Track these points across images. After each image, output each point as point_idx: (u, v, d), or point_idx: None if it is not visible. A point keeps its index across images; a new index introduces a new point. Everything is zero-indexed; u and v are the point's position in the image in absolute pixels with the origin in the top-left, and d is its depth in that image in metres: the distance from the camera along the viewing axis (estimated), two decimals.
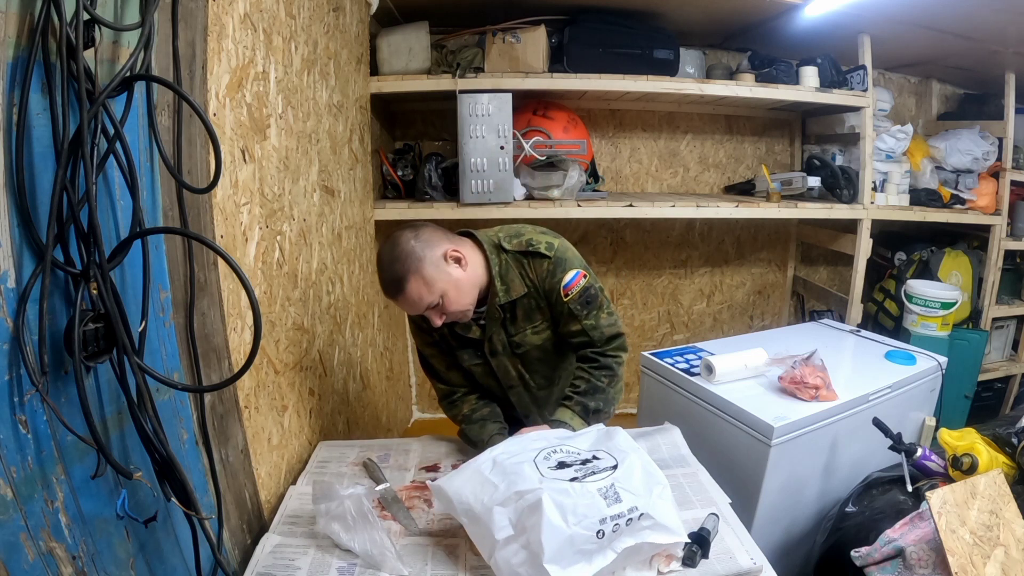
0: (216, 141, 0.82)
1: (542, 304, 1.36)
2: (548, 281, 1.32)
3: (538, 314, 1.37)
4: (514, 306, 1.35)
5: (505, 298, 1.33)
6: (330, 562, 1.06)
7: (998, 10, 2.12)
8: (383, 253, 1.25)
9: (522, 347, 1.40)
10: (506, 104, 2.29)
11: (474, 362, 1.43)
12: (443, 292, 1.23)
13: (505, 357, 1.42)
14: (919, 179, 2.90)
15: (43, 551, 0.70)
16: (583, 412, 1.33)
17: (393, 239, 1.25)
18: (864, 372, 1.81)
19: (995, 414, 3.00)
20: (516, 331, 1.38)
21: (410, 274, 1.21)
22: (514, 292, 1.33)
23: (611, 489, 0.98)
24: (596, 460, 1.06)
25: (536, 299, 1.35)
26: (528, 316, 1.37)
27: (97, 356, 0.77)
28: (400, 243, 1.23)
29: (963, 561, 1.15)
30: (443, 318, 1.28)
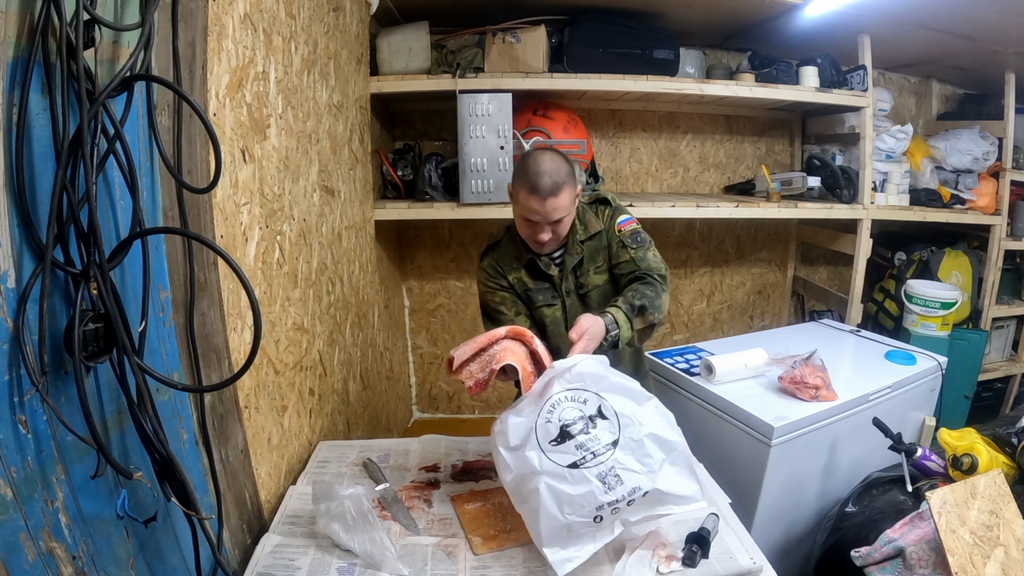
0: (216, 141, 0.82)
1: (604, 244, 1.50)
2: (609, 222, 1.50)
3: (600, 255, 1.50)
4: (583, 247, 1.49)
5: (584, 235, 1.48)
6: (330, 562, 1.06)
7: (998, 10, 2.12)
8: (544, 157, 1.35)
9: (585, 287, 1.50)
10: (506, 104, 2.29)
11: (548, 302, 1.50)
12: (569, 213, 1.39)
13: (573, 299, 1.51)
14: (919, 179, 2.90)
15: (43, 551, 0.70)
16: (628, 309, 1.35)
17: (555, 152, 1.38)
18: (864, 372, 1.81)
19: (995, 414, 3.00)
20: (582, 272, 1.50)
21: (567, 184, 1.35)
22: (591, 229, 1.49)
23: (611, 473, 0.99)
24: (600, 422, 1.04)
25: (602, 240, 1.50)
26: (592, 257, 1.50)
27: (97, 356, 0.77)
28: (564, 159, 1.37)
29: (963, 561, 1.15)
30: (551, 237, 1.38)
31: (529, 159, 1.36)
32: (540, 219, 1.36)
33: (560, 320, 1.51)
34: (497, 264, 1.51)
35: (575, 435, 1.03)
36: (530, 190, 1.32)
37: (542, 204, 1.33)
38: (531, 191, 1.32)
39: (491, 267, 1.52)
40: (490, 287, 1.51)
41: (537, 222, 1.36)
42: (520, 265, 1.50)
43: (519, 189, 1.36)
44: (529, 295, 1.51)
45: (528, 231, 1.40)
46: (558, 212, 1.35)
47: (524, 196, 1.34)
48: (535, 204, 1.33)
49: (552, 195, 1.32)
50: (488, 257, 1.54)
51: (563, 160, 1.37)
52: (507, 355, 1.16)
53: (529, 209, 1.35)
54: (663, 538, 1.10)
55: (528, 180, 1.33)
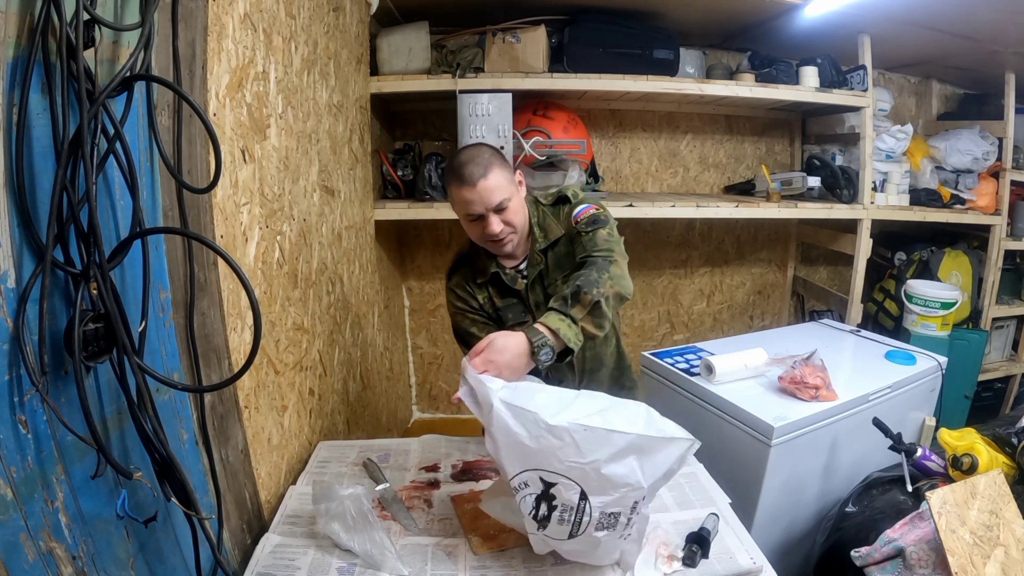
0: (216, 141, 0.82)
1: (569, 248, 1.40)
2: (566, 220, 1.40)
3: (567, 260, 1.40)
4: (547, 254, 1.42)
5: (544, 242, 1.41)
6: (330, 562, 1.06)
7: (998, 10, 2.12)
8: (463, 151, 1.33)
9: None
10: (506, 104, 2.29)
11: (519, 319, 1.43)
12: (511, 196, 1.30)
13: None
14: (919, 179, 2.90)
15: (43, 551, 0.70)
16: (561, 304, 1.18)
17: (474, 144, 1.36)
18: (864, 372, 1.81)
19: (995, 414, 3.00)
20: (549, 283, 1.42)
21: (495, 165, 1.29)
22: (551, 235, 1.41)
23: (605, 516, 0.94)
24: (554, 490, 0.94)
25: (564, 244, 1.41)
26: (559, 265, 1.41)
27: (97, 356, 0.77)
28: (485, 145, 1.35)
29: (963, 561, 1.15)
30: (501, 227, 1.31)
31: (453, 156, 1.34)
32: (481, 209, 1.28)
33: None
34: (465, 283, 1.44)
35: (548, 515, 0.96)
36: (459, 181, 1.27)
37: (474, 191, 1.26)
38: (460, 181, 1.27)
39: (459, 287, 1.45)
40: (459, 309, 1.45)
41: (481, 215, 1.29)
42: (485, 281, 1.42)
43: (450, 190, 1.31)
44: (499, 314, 1.43)
45: (479, 231, 1.32)
46: (496, 193, 1.27)
47: (456, 190, 1.29)
48: (468, 194, 1.27)
49: (482, 177, 1.26)
50: (456, 276, 1.47)
51: (484, 146, 1.33)
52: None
53: (466, 202, 1.28)
54: (663, 538, 1.10)
55: (454, 173, 1.29)
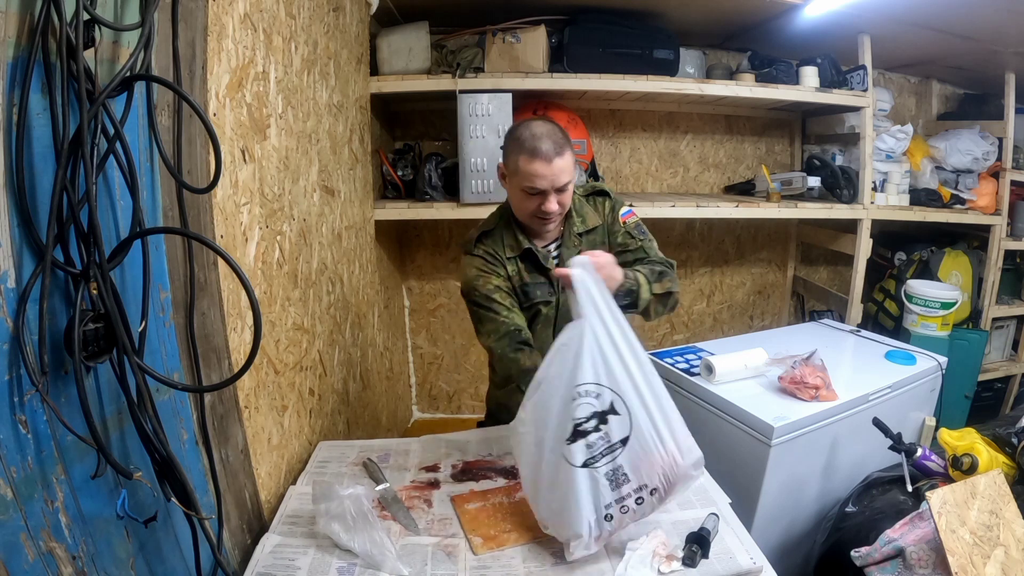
0: (216, 141, 0.82)
1: (605, 239, 1.47)
2: (610, 215, 1.47)
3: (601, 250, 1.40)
4: (583, 238, 1.44)
5: (582, 227, 1.44)
6: (330, 562, 1.06)
7: (998, 10, 2.12)
8: (536, 123, 1.30)
9: None
10: (506, 104, 2.29)
11: (546, 299, 1.43)
12: (572, 179, 1.33)
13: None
14: (919, 179, 2.90)
15: (43, 551, 0.70)
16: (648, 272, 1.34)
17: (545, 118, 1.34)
18: (864, 372, 1.81)
19: (995, 414, 3.00)
20: None
21: (567, 145, 1.30)
22: (589, 223, 1.45)
23: (620, 471, 1.03)
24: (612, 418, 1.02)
25: (602, 235, 1.47)
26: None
27: (97, 356, 0.77)
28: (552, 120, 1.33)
29: (963, 561, 1.15)
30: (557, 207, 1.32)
31: (521, 128, 1.29)
32: (547, 185, 1.28)
33: (551, 319, 1.45)
34: (495, 252, 1.42)
35: (587, 433, 1.02)
36: (531, 154, 1.25)
37: (547, 166, 1.25)
38: (532, 155, 1.25)
39: (487, 254, 1.42)
40: (484, 273, 1.40)
41: (543, 191, 1.28)
42: (516, 255, 1.41)
43: (517, 159, 1.28)
44: (526, 290, 1.43)
45: (532, 205, 1.32)
46: (564, 175, 1.28)
47: (525, 163, 1.26)
48: (540, 167, 1.25)
49: (558, 155, 1.26)
50: (483, 244, 1.43)
51: (554, 123, 1.32)
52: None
53: (533, 176, 1.26)
54: (663, 538, 1.10)
55: (526, 146, 1.26)
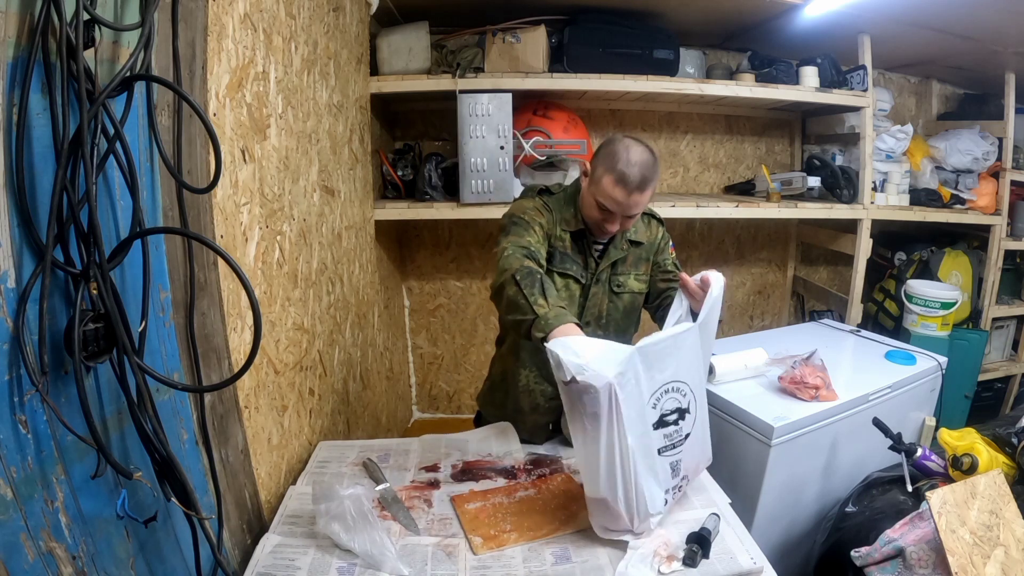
0: (216, 141, 0.82)
1: (649, 258, 1.52)
2: (662, 241, 1.53)
3: (644, 265, 1.51)
4: (630, 247, 1.48)
5: (633, 236, 1.47)
6: (330, 562, 1.06)
7: (998, 10, 2.12)
8: (638, 150, 1.29)
9: (622, 288, 1.49)
10: (506, 104, 2.29)
11: (574, 275, 1.44)
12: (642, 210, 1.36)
13: (602, 289, 1.48)
14: (919, 179, 2.90)
15: (43, 551, 0.70)
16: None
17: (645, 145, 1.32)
18: (864, 372, 1.81)
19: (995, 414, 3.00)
20: (623, 271, 1.49)
21: (652, 181, 1.31)
22: (639, 236, 1.49)
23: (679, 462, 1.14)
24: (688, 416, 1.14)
25: (647, 252, 1.51)
26: (636, 263, 1.50)
27: (97, 356, 0.77)
28: (653, 154, 1.32)
29: (963, 561, 1.15)
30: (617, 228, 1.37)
31: (620, 144, 1.30)
32: (618, 210, 1.30)
33: (576, 301, 1.46)
34: (551, 212, 1.43)
35: (668, 424, 1.11)
36: (617, 178, 1.27)
37: (627, 196, 1.28)
38: (618, 180, 1.27)
39: (544, 206, 1.43)
40: (539, 212, 1.40)
41: (612, 212, 1.31)
42: (567, 231, 1.42)
43: (604, 173, 1.29)
44: (564, 257, 1.43)
45: (598, 216, 1.35)
46: (638, 208, 1.31)
47: (609, 183, 1.28)
48: (619, 194, 1.28)
49: (639, 190, 1.28)
50: (543, 197, 1.46)
51: (652, 154, 1.31)
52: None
53: (610, 198, 1.29)
54: (665, 537, 1.10)
55: (617, 167, 1.27)
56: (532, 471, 1.37)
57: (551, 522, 1.18)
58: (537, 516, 1.20)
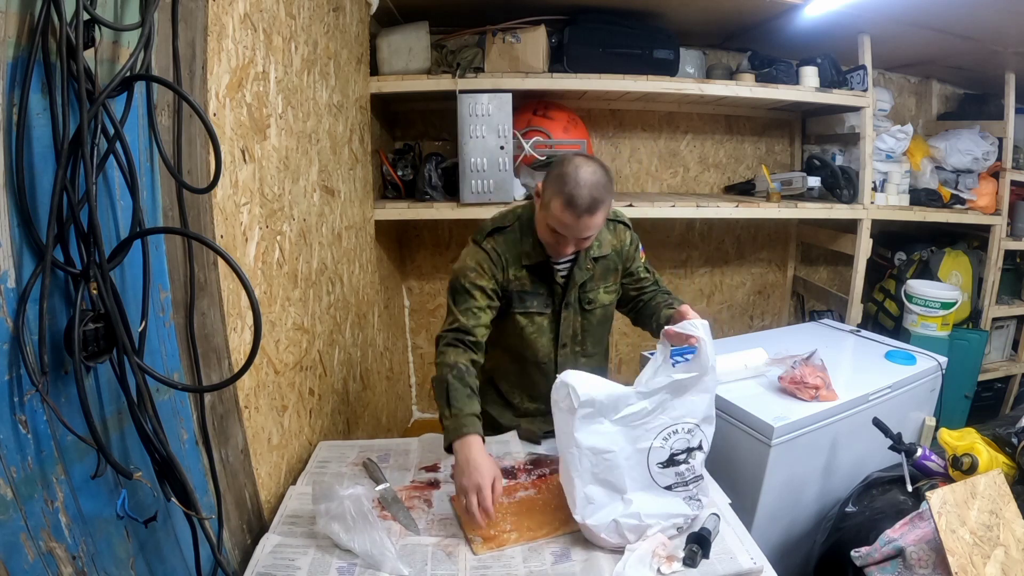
0: (216, 141, 0.82)
1: (618, 267, 1.49)
2: (631, 247, 1.50)
3: (612, 276, 1.49)
4: (597, 262, 1.45)
5: (597, 252, 1.44)
6: (330, 562, 1.06)
7: (998, 10, 2.12)
8: (588, 170, 1.24)
9: (592, 304, 1.48)
10: (506, 104, 2.29)
11: (541, 310, 1.44)
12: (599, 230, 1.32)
13: (573, 311, 1.47)
14: (919, 179, 2.90)
15: (43, 551, 0.70)
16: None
17: (597, 164, 1.28)
18: (864, 372, 1.81)
19: (995, 414, 3.00)
20: (592, 288, 1.46)
21: (605, 202, 1.26)
22: (604, 249, 1.45)
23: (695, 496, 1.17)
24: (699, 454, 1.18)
25: (615, 261, 1.48)
26: (604, 276, 1.48)
27: (97, 356, 0.77)
28: (605, 171, 1.28)
29: (963, 561, 1.15)
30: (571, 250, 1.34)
31: (570, 165, 1.25)
32: (570, 235, 1.27)
33: (547, 329, 1.47)
34: (503, 254, 1.39)
35: (676, 463, 1.15)
36: (566, 201, 1.22)
37: (576, 220, 1.24)
38: (566, 204, 1.22)
39: (495, 253, 1.39)
40: (481, 271, 1.37)
41: (564, 236, 1.28)
42: (526, 264, 1.40)
43: (552, 197, 1.25)
44: (523, 297, 1.42)
45: (551, 240, 1.32)
46: (590, 231, 1.27)
47: (558, 207, 1.24)
48: (568, 218, 1.24)
49: (588, 213, 1.23)
50: (493, 240, 1.41)
51: (605, 173, 1.27)
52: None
53: (560, 222, 1.25)
54: (662, 539, 1.10)
55: (565, 190, 1.22)
56: (532, 471, 1.37)
57: (551, 522, 1.18)
58: (537, 516, 1.20)
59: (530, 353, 1.49)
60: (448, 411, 1.23)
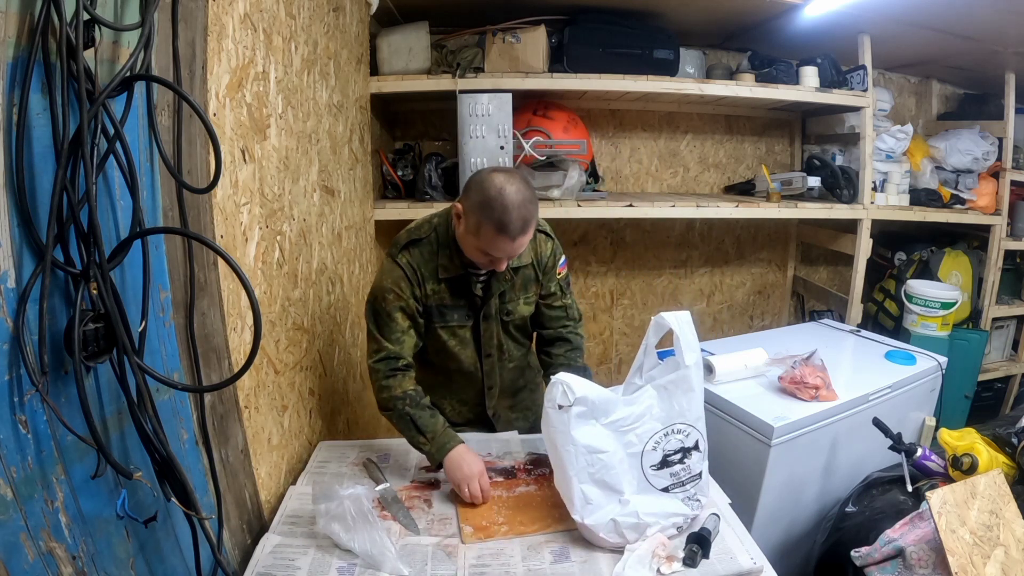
0: (216, 141, 0.82)
1: (538, 277, 1.47)
2: (550, 259, 1.47)
3: (533, 286, 1.48)
4: (515, 275, 1.44)
5: (516, 263, 1.41)
6: (330, 562, 1.06)
7: (998, 10, 2.12)
8: (512, 190, 1.20)
9: (512, 315, 1.47)
10: (506, 104, 2.29)
11: (462, 323, 1.44)
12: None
13: (494, 322, 1.47)
14: (919, 179, 2.90)
15: (43, 551, 0.70)
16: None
17: (518, 179, 1.23)
18: (864, 372, 1.81)
19: (995, 414, 3.00)
20: (511, 298, 1.46)
21: (534, 218, 1.26)
22: (523, 259, 1.42)
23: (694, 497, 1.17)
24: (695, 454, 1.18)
25: (535, 271, 1.46)
26: (524, 286, 1.47)
27: (97, 356, 0.77)
28: (527, 184, 1.25)
29: (963, 561, 1.15)
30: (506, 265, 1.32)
31: (492, 189, 1.20)
32: (504, 256, 1.26)
33: (470, 340, 1.47)
34: (418, 268, 1.36)
35: (670, 464, 1.16)
36: (497, 228, 1.19)
37: (511, 244, 1.22)
38: (499, 229, 1.19)
39: (410, 268, 1.36)
40: (399, 291, 1.35)
41: (499, 258, 1.27)
42: (443, 277, 1.37)
43: (483, 224, 1.21)
44: (443, 311, 1.41)
45: (483, 260, 1.29)
46: (523, 247, 1.27)
47: (490, 234, 1.20)
48: (502, 244, 1.21)
49: (522, 234, 1.22)
50: (408, 254, 1.36)
51: (527, 186, 1.24)
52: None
53: (494, 247, 1.23)
54: (662, 539, 1.10)
55: (494, 216, 1.19)
56: (532, 471, 1.37)
57: (544, 519, 1.20)
58: (532, 512, 1.22)
59: (455, 364, 1.50)
60: (423, 437, 1.32)
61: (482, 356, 1.49)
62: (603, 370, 3.22)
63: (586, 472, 1.11)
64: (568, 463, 1.11)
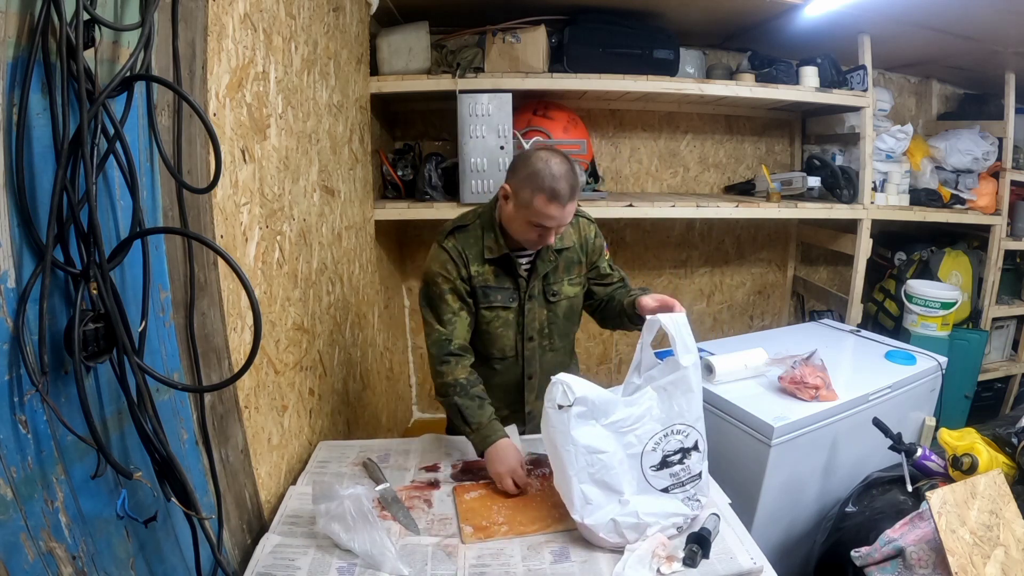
0: (216, 141, 0.82)
1: (582, 259, 1.51)
2: (595, 241, 1.53)
3: (576, 268, 1.51)
4: (560, 254, 1.47)
5: (560, 244, 1.45)
6: (330, 562, 1.06)
7: (998, 10, 2.12)
8: (555, 160, 1.30)
9: (557, 296, 1.50)
10: (506, 104, 2.29)
11: (506, 304, 1.46)
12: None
13: (538, 304, 1.48)
14: (919, 179, 2.90)
15: (43, 551, 0.70)
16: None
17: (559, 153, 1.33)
18: (864, 372, 1.81)
19: (995, 414, 3.00)
20: (555, 280, 1.49)
21: (580, 187, 1.35)
22: (566, 241, 1.48)
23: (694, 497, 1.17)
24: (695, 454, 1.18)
25: (578, 254, 1.51)
26: (568, 268, 1.50)
27: (97, 356, 0.77)
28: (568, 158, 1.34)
29: (963, 561, 1.15)
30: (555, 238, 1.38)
31: (539, 162, 1.29)
32: (556, 225, 1.32)
33: (513, 323, 1.48)
34: (463, 251, 1.42)
35: (670, 464, 1.16)
36: (549, 196, 1.27)
37: (562, 210, 1.29)
38: (551, 197, 1.27)
39: (456, 251, 1.41)
40: (446, 273, 1.40)
41: (549, 228, 1.32)
42: (488, 259, 1.42)
43: (534, 194, 1.28)
44: (487, 292, 1.44)
45: (533, 235, 1.35)
46: (571, 215, 1.34)
47: (541, 202, 1.28)
48: (554, 211, 1.29)
49: (571, 199, 1.30)
50: (453, 239, 1.43)
51: (568, 158, 1.33)
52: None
53: (546, 216, 1.29)
54: (662, 539, 1.10)
55: (545, 185, 1.27)
56: (532, 471, 1.37)
57: (544, 519, 1.20)
58: (532, 512, 1.22)
59: (495, 349, 1.50)
60: (468, 428, 1.35)
61: (524, 339, 1.49)
62: (603, 370, 3.22)
63: (586, 472, 1.11)
64: (568, 463, 1.11)
